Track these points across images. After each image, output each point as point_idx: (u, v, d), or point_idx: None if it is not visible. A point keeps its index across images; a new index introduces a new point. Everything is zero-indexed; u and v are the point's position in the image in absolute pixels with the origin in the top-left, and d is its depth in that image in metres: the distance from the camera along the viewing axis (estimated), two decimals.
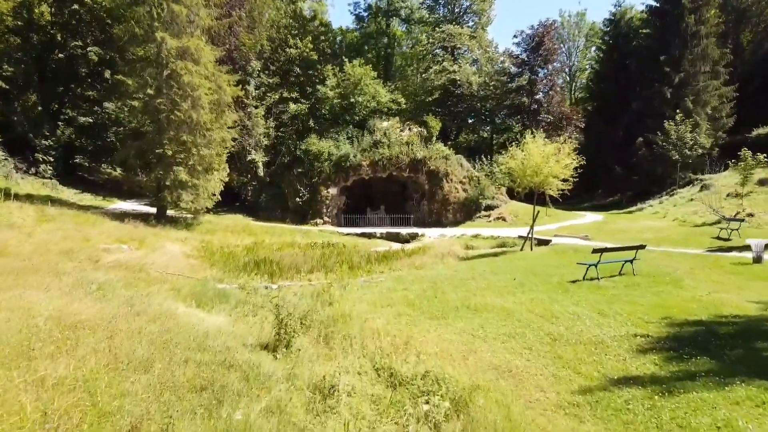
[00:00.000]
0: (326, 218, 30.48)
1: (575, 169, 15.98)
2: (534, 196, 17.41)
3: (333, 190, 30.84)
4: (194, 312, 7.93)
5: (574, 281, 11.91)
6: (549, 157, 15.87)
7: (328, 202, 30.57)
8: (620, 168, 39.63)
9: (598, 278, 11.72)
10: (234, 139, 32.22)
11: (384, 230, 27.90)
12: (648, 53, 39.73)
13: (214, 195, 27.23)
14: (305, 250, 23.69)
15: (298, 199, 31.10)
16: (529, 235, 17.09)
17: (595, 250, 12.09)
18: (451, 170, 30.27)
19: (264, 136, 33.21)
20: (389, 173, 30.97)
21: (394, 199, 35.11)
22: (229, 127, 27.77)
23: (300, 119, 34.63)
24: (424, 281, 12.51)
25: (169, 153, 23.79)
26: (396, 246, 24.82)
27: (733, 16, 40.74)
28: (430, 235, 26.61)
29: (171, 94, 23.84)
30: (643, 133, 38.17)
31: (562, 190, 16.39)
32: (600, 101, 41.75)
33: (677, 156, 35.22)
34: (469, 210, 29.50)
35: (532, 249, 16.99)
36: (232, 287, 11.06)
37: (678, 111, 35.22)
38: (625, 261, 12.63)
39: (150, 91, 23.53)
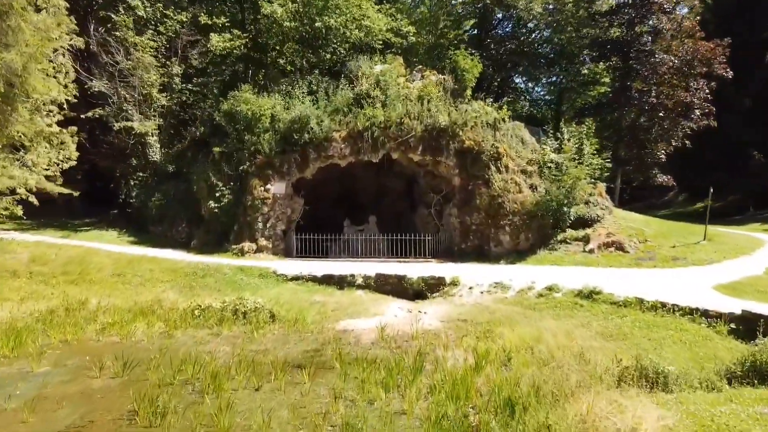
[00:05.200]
0: (263, 240, 16.74)
1: None
2: None
3: (277, 187, 17.15)
4: None
5: None
6: None
7: (267, 209, 16.86)
8: (762, 155, 25.63)
9: None
10: (94, 96, 18.48)
11: (373, 267, 14.42)
12: None
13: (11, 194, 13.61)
14: (166, 338, 10.15)
15: (213, 203, 17.34)
16: None
17: None
18: (506, 149, 16.54)
19: (161, 92, 19.43)
20: (385, 155, 17.27)
21: (395, 203, 21.42)
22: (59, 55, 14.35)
23: (231, 64, 20.88)
24: None
25: None
26: (398, 317, 11.30)
27: None
28: (470, 281, 13.10)
29: None
30: None
31: None
32: None
33: None
34: (543, 227, 15.79)
35: None
36: None
37: None
38: None
39: None
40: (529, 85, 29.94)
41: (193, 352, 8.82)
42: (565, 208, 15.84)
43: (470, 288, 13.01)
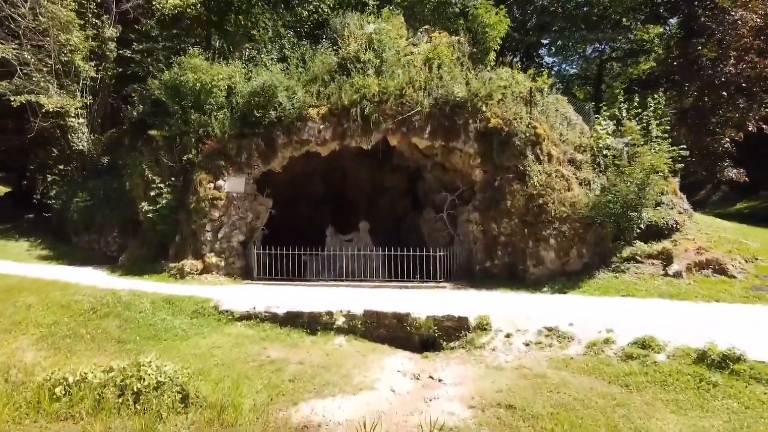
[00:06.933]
0: (212, 257, 12.45)
1: None
2: None
3: (233, 183, 12.85)
4: None
5: None
6: None
7: (218, 214, 12.52)
8: None
9: None
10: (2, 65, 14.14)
11: (363, 297, 9.96)
12: None
13: None
14: None
15: (148, 205, 13.00)
16: None
17: None
18: (546, 131, 12.22)
19: (88, 59, 15.09)
20: (381, 139, 12.91)
21: (395, 206, 17.06)
22: None
23: (184, 28, 16.59)
24: None
25: None
26: (397, 393, 7.03)
27: None
28: (507, 323, 8.98)
29: None
30: None
31: None
32: None
33: None
34: (603, 239, 11.34)
35: None
36: None
37: None
38: None
39: None
40: (559, 58, 25.35)
41: None
42: (633, 213, 11.43)
43: (507, 336, 8.62)
